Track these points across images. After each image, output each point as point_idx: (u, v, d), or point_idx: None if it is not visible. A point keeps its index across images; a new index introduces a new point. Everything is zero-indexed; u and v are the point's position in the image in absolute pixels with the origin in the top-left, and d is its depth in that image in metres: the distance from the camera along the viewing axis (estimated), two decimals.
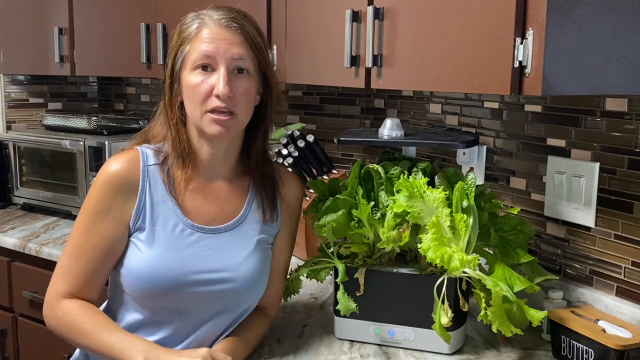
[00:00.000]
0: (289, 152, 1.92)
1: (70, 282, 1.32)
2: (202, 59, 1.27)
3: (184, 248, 1.32)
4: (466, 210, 1.34)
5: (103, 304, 1.42)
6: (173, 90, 1.34)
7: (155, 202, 1.32)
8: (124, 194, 1.32)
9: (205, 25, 1.29)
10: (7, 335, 2.38)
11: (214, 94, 1.27)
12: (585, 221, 1.56)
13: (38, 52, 2.67)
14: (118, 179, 1.32)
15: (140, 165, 1.33)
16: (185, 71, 1.30)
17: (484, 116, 1.85)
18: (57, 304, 1.32)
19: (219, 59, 1.27)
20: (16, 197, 2.72)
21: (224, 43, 1.28)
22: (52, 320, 1.34)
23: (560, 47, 1.15)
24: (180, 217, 1.33)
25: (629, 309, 1.46)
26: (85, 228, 1.32)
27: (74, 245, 1.33)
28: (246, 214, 1.39)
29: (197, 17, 1.32)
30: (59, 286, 1.33)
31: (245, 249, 1.36)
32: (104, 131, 2.56)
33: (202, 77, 1.28)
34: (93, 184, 1.33)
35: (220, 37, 1.28)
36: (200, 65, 1.28)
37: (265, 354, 1.41)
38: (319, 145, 1.95)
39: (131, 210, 1.32)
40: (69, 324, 1.30)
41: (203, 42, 1.28)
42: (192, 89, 1.28)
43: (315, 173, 1.96)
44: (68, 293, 1.32)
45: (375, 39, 1.52)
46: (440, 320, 1.32)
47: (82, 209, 1.34)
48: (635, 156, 1.44)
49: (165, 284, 1.29)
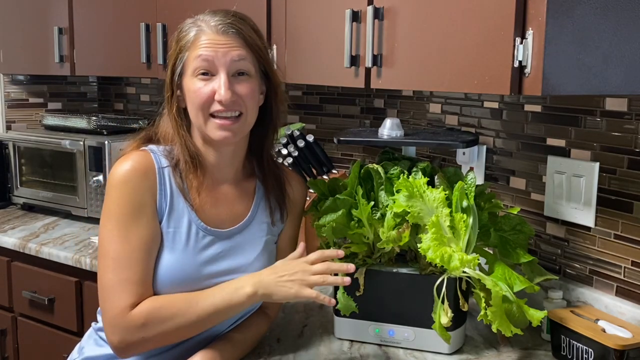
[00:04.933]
0: (289, 152, 1.92)
1: (133, 292, 1.25)
2: (202, 65, 1.28)
3: (199, 252, 1.33)
4: (466, 210, 1.34)
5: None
6: (174, 99, 1.34)
7: (170, 204, 1.32)
8: (148, 187, 1.30)
9: (203, 32, 1.29)
10: (7, 335, 2.38)
11: (215, 99, 1.28)
12: (585, 221, 1.56)
13: (38, 52, 2.67)
14: (138, 174, 1.29)
15: (155, 166, 1.32)
16: (187, 78, 1.31)
17: (483, 116, 1.85)
18: (131, 319, 1.24)
19: (218, 64, 1.28)
20: (16, 197, 2.72)
21: (222, 48, 1.28)
22: (136, 336, 1.24)
23: (560, 47, 1.15)
24: (195, 220, 1.33)
25: (629, 308, 1.46)
26: (123, 235, 1.26)
27: (117, 256, 1.26)
28: (254, 216, 1.41)
29: (193, 24, 1.32)
30: (122, 303, 1.24)
31: (255, 250, 1.38)
32: (103, 131, 2.56)
33: (202, 83, 1.29)
34: (111, 190, 1.29)
35: (218, 42, 1.28)
36: (200, 72, 1.28)
37: (265, 354, 1.41)
38: (318, 145, 1.95)
39: (156, 203, 1.31)
40: (160, 320, 1.24)
41: (201, 49, 1.28)
42: (194, 95, 1.29)
43: (315, 173, 1.96)
44: (134, 304, 1.25)
45: (375, 38, 1.52)
46: (440, 320, 1.32)
47: (107, 218, 1.28)
48: (635, 156, 1.44)
49: (181, 288, 1.29)
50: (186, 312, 1.25)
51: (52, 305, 2.22)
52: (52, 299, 2.21)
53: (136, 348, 1.27)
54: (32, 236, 2.33)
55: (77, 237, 2.32)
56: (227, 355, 1.33)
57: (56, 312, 2.22)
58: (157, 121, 1.41)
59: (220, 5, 1.45)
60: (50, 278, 2.20)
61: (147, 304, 1.25)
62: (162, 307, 1.25)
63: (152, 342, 1.27)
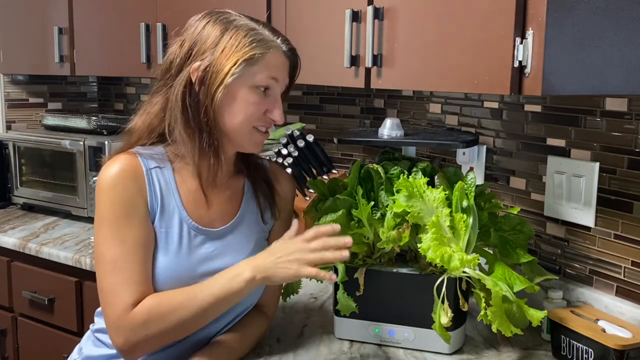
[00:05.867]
0: (288, 152, 1.92)
1: (133, 291, 1.24)
2: (269, 83, 1.30)
3: (193, 251, 1.32)
4: (466, 210, 1.34)
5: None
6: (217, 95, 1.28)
7: (161, 204, 1.32)
8: (138, 188, 1.29)
9: (279, 52, 1.31)
10: (7, 335, 2.38)
11: (269, 117, 1.32)
12: (585, 221, 1.56)
13: (38, 52, 2.67)
14: (126, 175, 1.28)
15: (142, 167, 1.31)
16: (243, 86, 1.28)
17: (483, 116, 1.85)
18: (133, 317, 1.23)
19: (278, 85, 1.33)
20: (16, 197, 2.72)
21: (284, 70, 1.34)
22: (140, 334, 1.23)
23: (560, 47, 1.15)
24: (186, 219, 1.33)
25: (629, 308, 1.46)
26: (118, 236, 1.25)
27: (114, 259, 1.25)
28: (244, 214, 1.40)
29: (262, 38, 1.29)
30: (123, 303, 1.23)
31: (246, 249, 1.37)
32: (103, 131, 2.55)
33: (260, 98, 1.30)
34: (101, 194, 1.28)
35: (285, 66, 1.34)
36: (263, 87, 1.30)
37: (265, 354, 1.41)
38: (318, 145, 1.95)
39: (147, 204, 1.30)
40: (161, 315, 1.23)
41: (274, 69, 1.30)
42: (250, 107, 1.30)
43: (315, 173, 1.96)
44: (135, 302, 1.24)
45: (375, 38, 1.52)
46: (440, 320, 1.32)
47: (100, 222, 1.27)
48: (635, 156, 1.44)
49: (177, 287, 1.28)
50: (187, 305, 1.24)
51: (52, 305, 2.22)
52: (52, 299, 2.21)
53: (142, 347, 1.26)
54: (32, 236, 2.33)
55: (77, 237, 2.32)
56: (226, 356, 1.33)
57: (56, 312, 2.22)
58: (153, 113, 1.36)
59: (220, 4, 1.45)
60: (50, 278, 2.20)
61: (147, 301, 1.25)
62: (162, 302, 1.24)
63: (156, 339, 1.26)
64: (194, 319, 1.25)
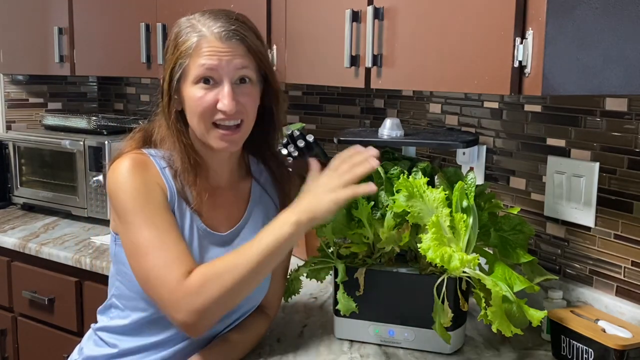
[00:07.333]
0: (288, 152, 1.92)
1: (180, 263, 1.21)
2: (205, 73, 1.25)
3: (203, 255, 1.32)
4: (466, 210, 1.34)
5: (104, 303, 1.42)
6: (172, 104, 1.30)
7: (178, 202, 1.31)
8: (155, 181, 1.28)
9: (205, 39, 1.25)
10: (7, 335, 2.38)
11: (218, 108, 1.26)
12: (585, 221, 1.56)
13: (38, 52, 2.67)
14: (141, 168, 1.27)
15: (156, 166, 1.31)
16: (186, 85, 1.28)
17: (483, 116, 1.85)
18: (188, 285, 1.19)
19: (221, 72, 1.25)
20: (16, 197, 2.72)
21: (225, 56, 1.25)
22: (198, 301, 1.19)
23: (560, 47, 1.15)
24: (197, 222, 1.32)
25: (629, 308, 1.46)
26: (146, 221, 1.23)
27: (150, 241, 1.22)
28: (249, 217, 1.40)
29: (193, 29, 1.27)
30: (173, 277, 1.20)
31: None
32: (103, 131, 2.56)
33: (204, 91, 1.26)
34: (117, 189, 1.25)
35: (222, 50, 1.25)
36: (202, 79, 1.26)
37: (265, 354, 1.41)
38: (319, 145, 1.95)
39: (166, 197, 1.29)
40: (217, 276, 1.20)
41: (204, 57, 1.24)
42: (195, 104, 1.26)
43: None
44: (185, 273, 1.20)
45: (375, 38, 1.52)
46: (440, 320, 1.32)
47: (124, 216, 1.25)
48: (635, 156, 1.44)
49: None
50: (241, 262, 1.20)
51: (52, 305, 2.22)
52: (52, 299, 2.21)
53: (203, 317, 1.20)
54: (32, 236, 2.33)
55: (77, 237, 2.32)
56: (226, 356, 1.33)
57: (56, 312, 2.22)
58: (152, 122, 1.37)
59: (219, 4, 1.45)
60: (50, 278, 2.20)
61: (199, 269, 1.22)
62: (215, 264, 1.22)
63: (215, 305, 1.20)
64: (249, 275, 1.21)
